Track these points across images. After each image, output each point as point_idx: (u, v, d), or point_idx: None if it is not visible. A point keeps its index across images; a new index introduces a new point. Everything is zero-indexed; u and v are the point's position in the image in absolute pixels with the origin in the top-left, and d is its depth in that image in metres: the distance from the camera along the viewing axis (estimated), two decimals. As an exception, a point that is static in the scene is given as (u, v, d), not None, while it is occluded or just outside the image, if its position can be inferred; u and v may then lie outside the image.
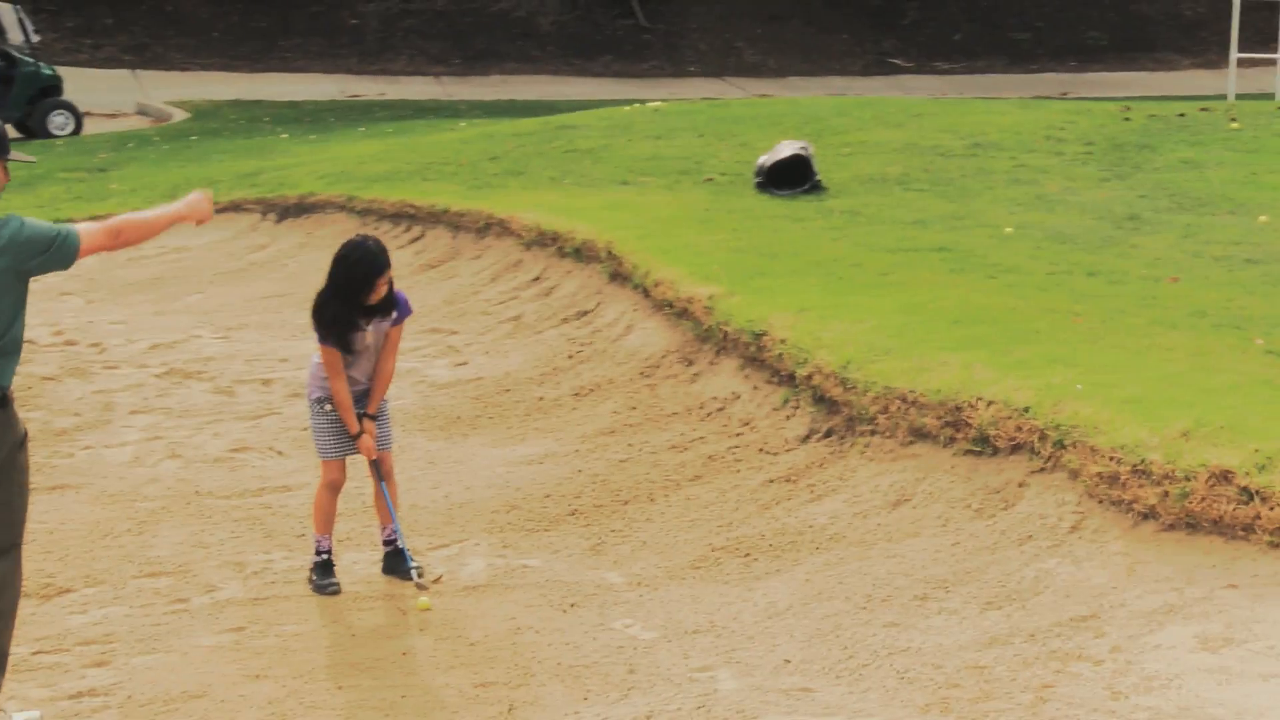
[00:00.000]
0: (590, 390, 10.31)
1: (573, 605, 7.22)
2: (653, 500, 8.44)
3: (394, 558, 7.64)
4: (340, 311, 7.27)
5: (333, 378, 7.32)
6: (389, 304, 7.34)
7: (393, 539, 7.64)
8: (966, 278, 10.26)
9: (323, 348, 7.33)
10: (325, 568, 7.55)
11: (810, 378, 8.81)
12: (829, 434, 8.54)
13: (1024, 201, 13.05)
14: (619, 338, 10.99)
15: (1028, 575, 6.76)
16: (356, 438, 7.39)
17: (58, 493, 8.96)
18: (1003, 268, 10.53)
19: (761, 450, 8.73)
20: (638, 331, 10.88)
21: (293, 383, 11.19)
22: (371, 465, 7.51)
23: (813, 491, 8.11)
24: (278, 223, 16.12)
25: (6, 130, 5.90)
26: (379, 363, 7.42)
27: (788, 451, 8.62)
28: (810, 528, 7.72)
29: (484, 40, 35.19)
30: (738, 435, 9.05)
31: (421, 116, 25.55)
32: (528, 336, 11.73)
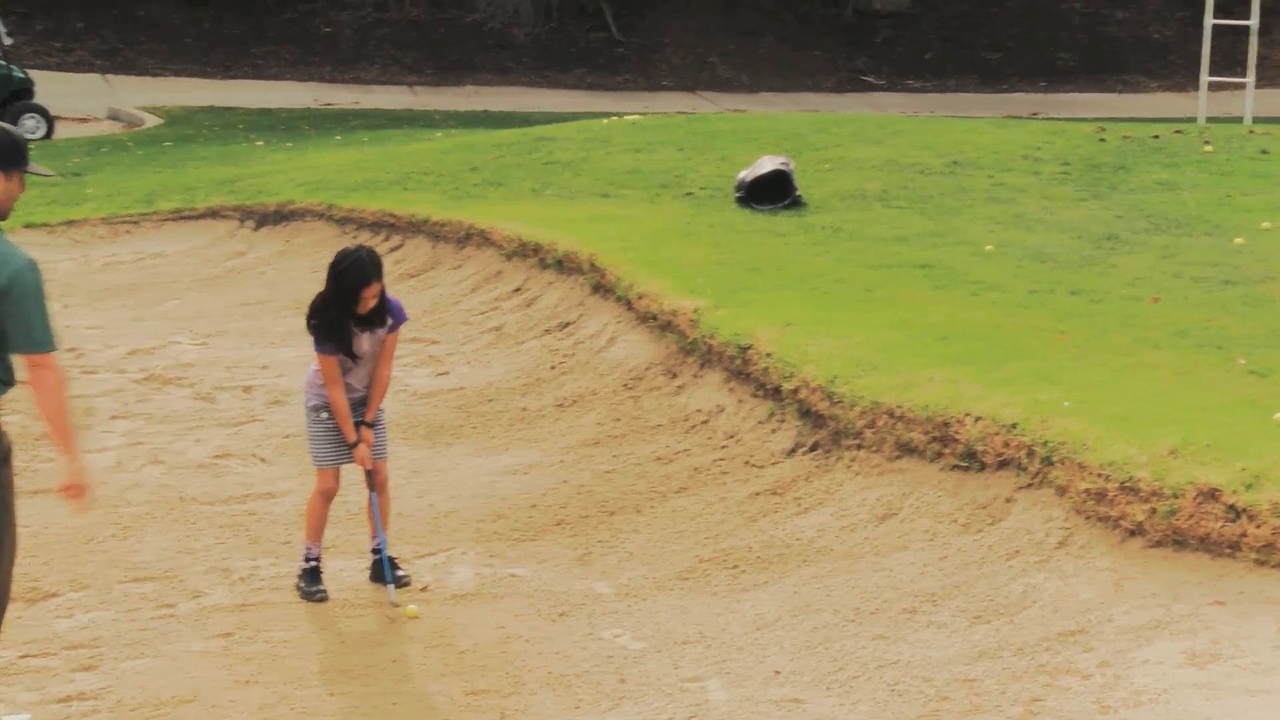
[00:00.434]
0: (574, 401, 10.34)
1: (561, 615, 7.26)
2: (639, 511, 8.48)
3: (379, 566, 7.66)
4: (334, 318, 7.30)
5: (330, 386, 7.34)
6: (381, 313, 7.36)
7: (379, 549, 7.65)
8: (950, 294, 10.33)
9: (320, 356, 7.34)
10: (313, 574, 7.57)
11: (796, 391, 8.87)
12: (815, 448, 8.60)
13: (1003, 220, 13.14)
14: (602, 349, 11.03)
15: (1015, 590, 6.82)
16: (353, 446, 7.40)
17: (40, 497, 8.91)
18: (985, 285, 10.61)
19: (747, 463, 8.78)
20: (621, 343, 10.92)
21: (274, 390, 11.19)
22: (366, 474, 7.52)
23: (799, 504, 8.16)
24: (256, 230, 16.11)
25: (26, 141, 5.88)
26: (376, 370, 7.44)
27: (774, 465, 8.67)
28: (797, 540, 7.77)
29: (457, 50, 35.20)
30: (723, 448, 9.10)
31: (396, 126, 25.54)
32: (509, 347, 11.76)
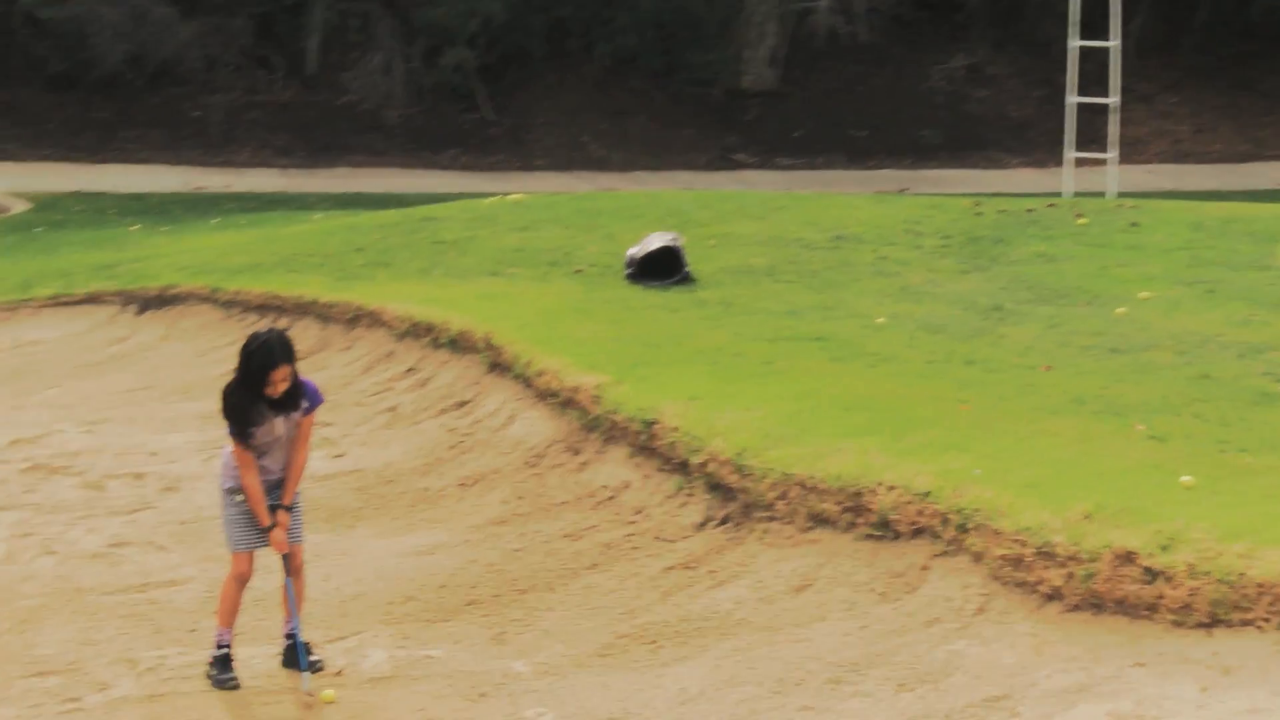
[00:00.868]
0: (476, 480, 10.28)
1: (482, 695, 7.18)
2: (551, 589, 8.43)
3: (293, 652, 7.53)
4: (243, 401, 7.20)
5: (244, 470, 7.23)
6: (295, 396, 7.27)
7: (293, 634, 7.53)
8: (848, 366, 10.43)
9: (234, 440, 7.23)
10: (224, 662, 7.42)
11: (705, 465, 8.88)
12: (726, 520, 8.61)
13: (890, 292, 13.32)
14: (501, 427, 10.98)
15: (938, 657, 6.85)
16: (269, 530, 7.28)
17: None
18: (881, 356, 10.72)
19: (658, 538, 8.77)
20: (521, 421, 10.88)
21: (165, 476, 11.02)
22: (283, 558, 7.40)
23: (714, 578, 8.15)
24: (138, 314, 15.89)
25: None
26: (291, 453, 7.34)
27: (685, 539, 8.67)
28: (715, 614, 7.76)
29: (329, 133, 35.07)
30: (631, 523, 9.08)
31: (272, 208, 25.39)
32: (406, 427, 11.67)
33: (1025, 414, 9.00)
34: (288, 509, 7.35)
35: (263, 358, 7.13)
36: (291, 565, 7.42)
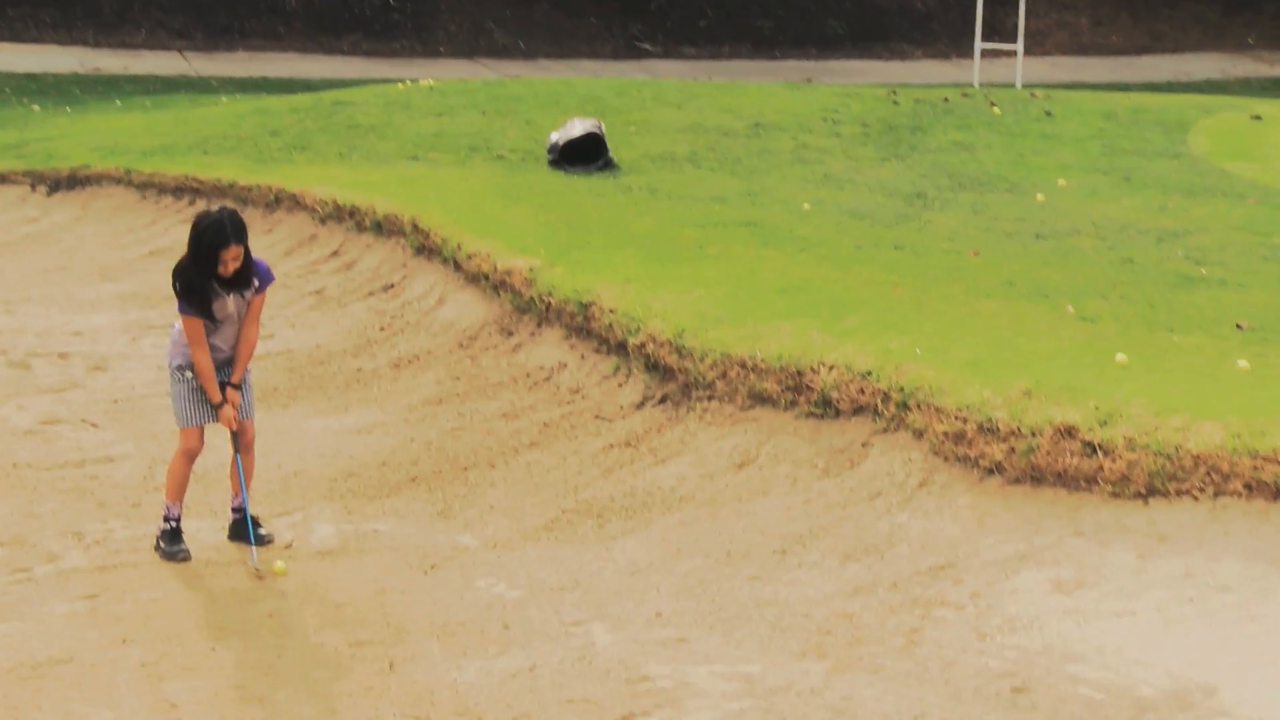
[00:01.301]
0: (409, 361, 10.36)
1: (433, 567, 7.32)
2: (493, 466, 8.56)
3: (241, 525, 7.62)
4: (194, 280, 7.23)
5: (194, 346, 7.27)
6: (247, 275, 7.31)
7: (241, 508, 7.62)
8: (780, 251, 10.59)
9: (183, 317, 7.26)
10: (174, 535, 7.50)
11: (643, 346, 9.01)
12: (664, 400, 8.76)
13: (813, 179, 13.48)
14: (431, 310, 11.05)
15: (881, 529, 7.08)
16: (219, 406, 7.34)
17: None
18: (812, 241, 10.89)
19: (597, 417, 8.91)
20: (451, 303, 10.96)
21: (91, 355, 11.00)
22: (232, 434, 7.47)
23: (655, 455, 8.32)
24: (49, 195, 15.71)
25: None
26: (242, 330, 7.38)
27: (624, 418, 8.82)
28: (658, 489, 7.93)
29: (227, 15, 34.49)
30: (569, 403, 9.21)
31: (174, 91, 25.03)
32: (333, 310, 11.71)
33: (958, 297, 9.22)
34: (236, 387, 7.40)
35: (214, 236, 7.15)
36: (242, 441, 7.49)
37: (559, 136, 14.13)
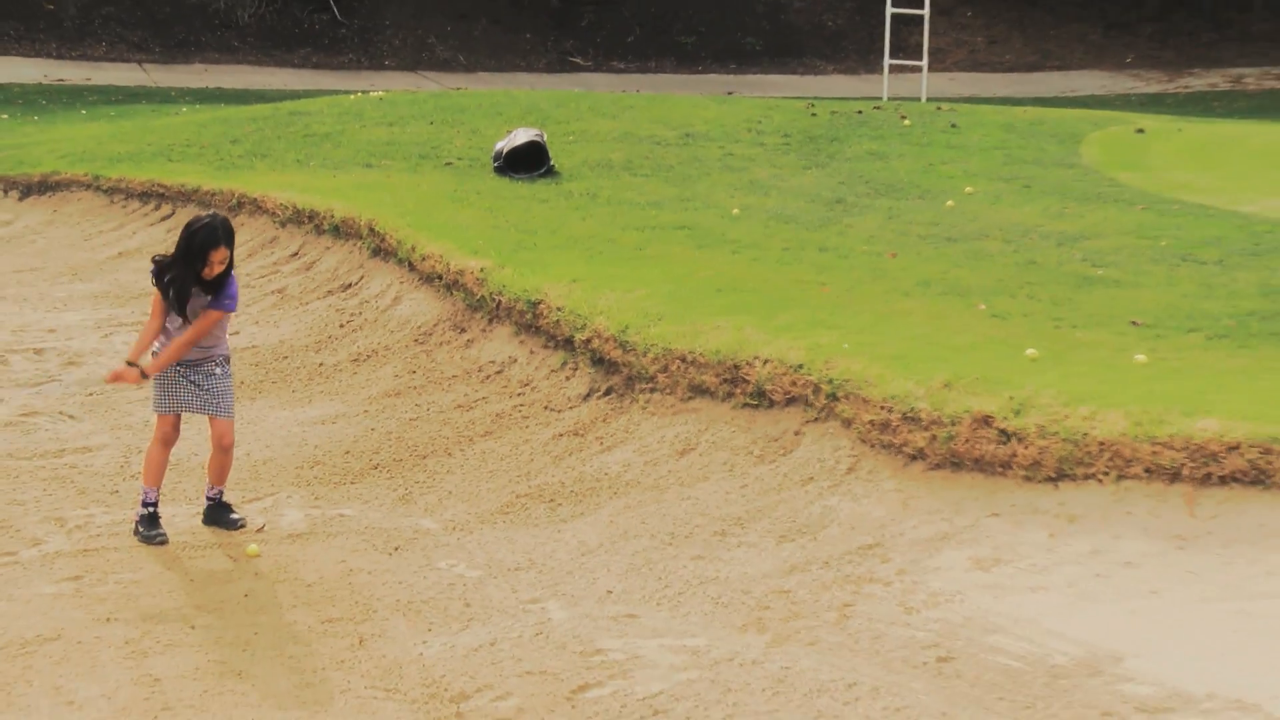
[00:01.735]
0: (367, 356, 10.32)
1: (396, 549, 7.30)
2: (450, 454, 8.55)
3: (216, 510, 7.59)
4: (178, 275, 7.22)
5: (152, 316, 7.29)
6: (221, 283, 7.29)
7: (216, 495, 7.59)
8: (713, 253, 10.62)
9: (156, 291, 7.26)
10: (152, 519, 7.44)
11: (589, 341, 9.03)
12: (609, 392, 8.77)
13: (740, 186, 13.51)
14: (388, 308, 11.01)
15: (814, 511, 7.13)
16: (125, 367, 7.23)
17: None
18: (743, 244, 10.92)
19: (546, 408, 8.92)
20: (407, 302, 10.92)
21: (66, 351, 10.88)
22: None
23: (602, 443, 8.33)
24: (20, 200, 15.51)
25: None
26: (184, 331, 7.31)
27: (571, 409, 8.83)
28: (605, 475, 7.95)
29: (183, 29, 34.19)
30: (520, 395, 9.21)
31: (136, 101, 24.78)
32: (295, 308, 11.63)
33: (880, 295, 9.28)
34: (132, 365, 7.23)
35: (206, 236, 7.18)
36: (220, 444, 7.45)
37: (504, 145, 14.10)
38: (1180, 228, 11.74)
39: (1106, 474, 6.60)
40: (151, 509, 7.45)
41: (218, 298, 7.36)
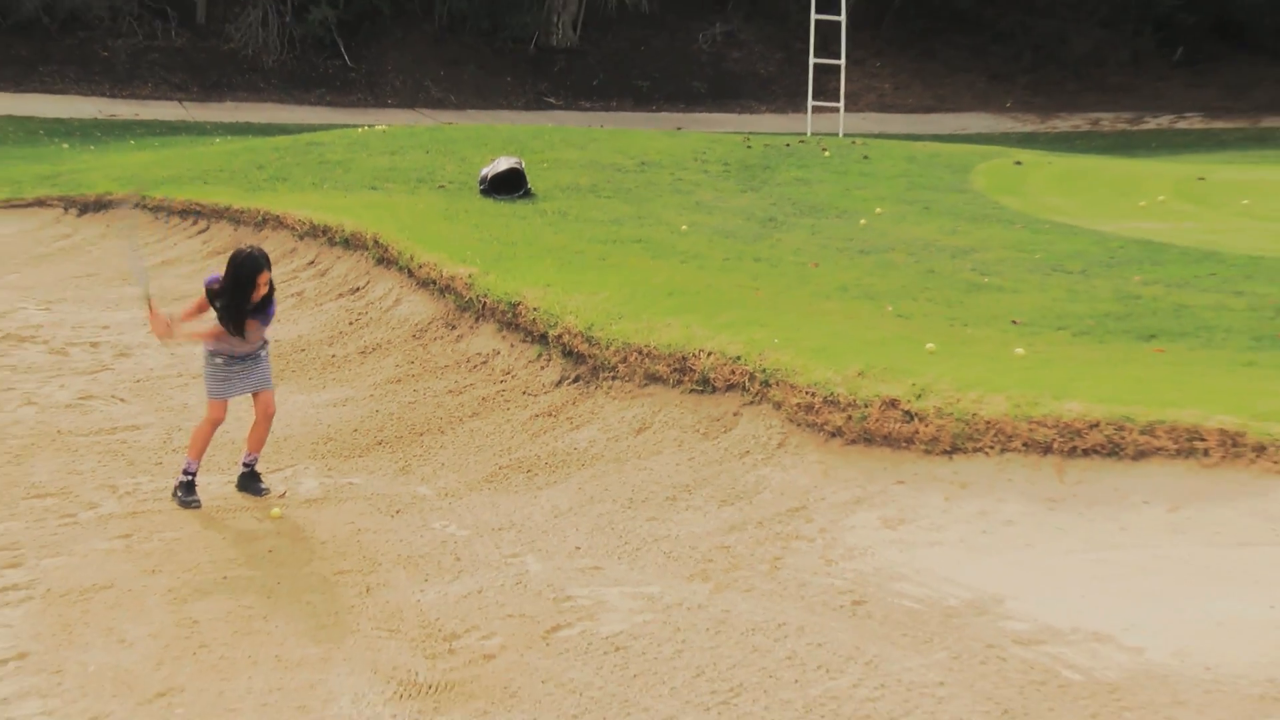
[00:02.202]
0: (373, 349, 10.25)
1: (398, 511, 7.26)
2: (442, 432, 8.50)
3: (248, 478, 7.54)
4: (232, 304, 7.16)
5: (199, 309, 7.28)
6: (267, 301, 7.25)
7: (251, 462, 7.54)
8: (665, 262, 10.59)
9: (218, 324, 7.21)
10: (189, 487, 7.39)
11: (560, 336, 8.99)
12: (577, 379, 8.74)
13: (688, 206, 13.49)
14: (390, 308, 10.93)
15: (750, 480, 7.12)
16: (168, 322, 7.19)
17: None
18: (690, 255, 10.90)
19: (524, 393, 8.88)
20: (406, 303, 10.85)
21: (118, 344, 10.77)
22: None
23: (571, 423, 8.30)
24: (79, 216, 15.33)
25: None
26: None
27: (546, 393, 8.79)
28: (575, 450, 7.92)
29: (217, 73, 33.91)
30: (502, 382, 9.16)
31: (176, 133, 24.53)
32: (311, 308, 11.54)
33: (804, 299, 9.28)
34: (167, 327, 7.15)
35: (251, 265, 7.11)
36: (264, 412, 7.41)
37: (488, 170, 14.03)
38: (1051, 243, 11.80)
39: (992, 448, 6.62)
40: (190, 478, 7.39)
41: (264, 316, 7.31)
